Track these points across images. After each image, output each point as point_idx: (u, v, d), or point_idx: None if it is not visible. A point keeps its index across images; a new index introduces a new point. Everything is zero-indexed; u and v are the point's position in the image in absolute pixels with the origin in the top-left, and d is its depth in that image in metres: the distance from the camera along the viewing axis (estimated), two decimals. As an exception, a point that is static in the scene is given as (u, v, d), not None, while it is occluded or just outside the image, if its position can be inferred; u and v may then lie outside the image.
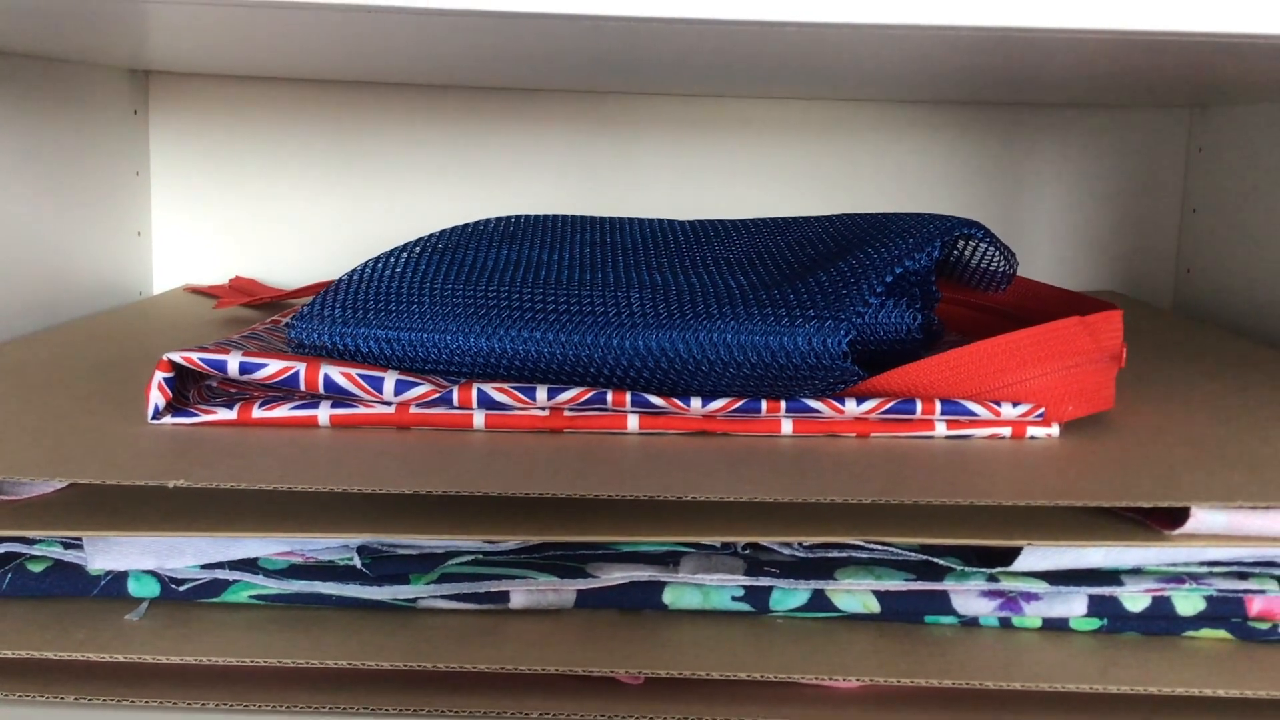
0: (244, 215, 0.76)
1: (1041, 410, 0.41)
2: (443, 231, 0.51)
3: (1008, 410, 0.41)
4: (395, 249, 0.47)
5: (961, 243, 0.49)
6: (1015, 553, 0.37)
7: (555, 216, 0.54)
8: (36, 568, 0.37)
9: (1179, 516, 0.35)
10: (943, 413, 0.40)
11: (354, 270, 0.45)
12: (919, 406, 0.40)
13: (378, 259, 0.46)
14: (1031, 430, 0.41)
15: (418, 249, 0.47)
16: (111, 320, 0.61)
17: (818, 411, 0.40)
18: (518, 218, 0.54)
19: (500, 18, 0.33)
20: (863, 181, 0.76)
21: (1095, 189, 0.76)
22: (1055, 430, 0.41)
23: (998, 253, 0.49)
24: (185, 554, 0.36)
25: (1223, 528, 0.35)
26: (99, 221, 0.68)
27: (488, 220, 0.53)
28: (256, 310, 0.66)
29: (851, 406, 0.40)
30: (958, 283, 0.52)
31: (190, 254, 0.76)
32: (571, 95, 0.75)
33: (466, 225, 0.52)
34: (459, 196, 0.76)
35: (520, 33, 0.39)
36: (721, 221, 0.54)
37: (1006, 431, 0.41)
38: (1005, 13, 0.33)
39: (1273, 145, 0.65)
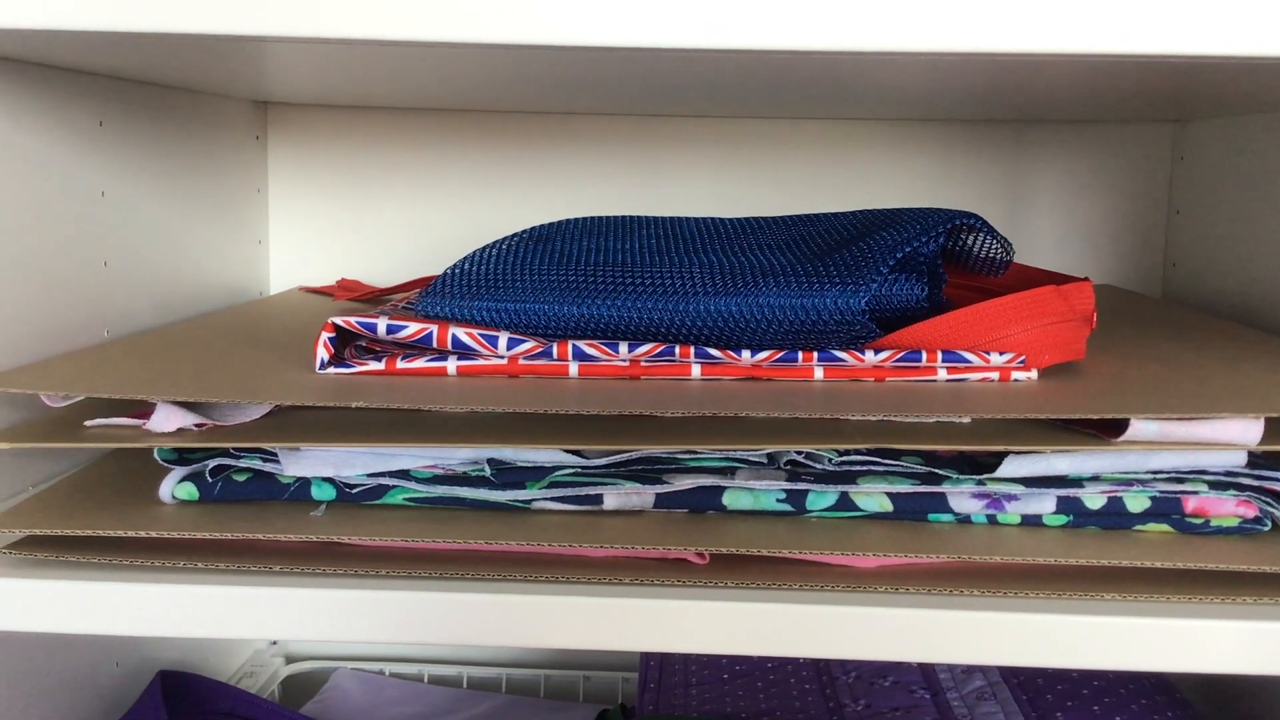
0: (349, 225, 0.88)
1: (1023, 359, 0.51)
2: (532, 228, 0.62)
3: (995, 359, 0.51)
4: (495, 241, 0.58)
5: (965, 234, 0.59)
6: (999, 464, 0.47)
7: (624, 216, 0.65)
8: (240, 477, 0.48)
9: (1122, 427, 0.45)
10: (943, 361, 0.50)
11: (464, 258, 0.56)
12: (924, 356, 0.50)
13: (483, 249, 0.57)
14: (1015, 374, 0.51)
15: (515, 240, 0.58)
16: (245, 311, 0.72)
17: (843, 360, 0.50)
18: (593, 218, 0.65)
19: (593, 51, 0.44)
20: (881, 189, 0.86)
21: (1091, 195, 0.86)
22: (1034, 374, 0.51)
23: (996, 242, 0.58)
24: (356, 465, 0.47)
25: (1155, 434, 0.44)
26: (226, 231, 0.80)
27: (567, 220, 0.64)
28: (364, 304, 0.77)
29: (870, 356, 0.50)
30: (965, 269, 0.61)
31: (303, 259, 0.88)
32: (622, 118, 0.86)
33: (551, 223, 0.63)
34: (529, 208, 0.87)
35: (594, 61, 0.49)
36: (762, 217, 0.64)
37: (995, 375, 0.51)
38: (1018, 39, 0.39)
39: (1243, 154, 0.75)
